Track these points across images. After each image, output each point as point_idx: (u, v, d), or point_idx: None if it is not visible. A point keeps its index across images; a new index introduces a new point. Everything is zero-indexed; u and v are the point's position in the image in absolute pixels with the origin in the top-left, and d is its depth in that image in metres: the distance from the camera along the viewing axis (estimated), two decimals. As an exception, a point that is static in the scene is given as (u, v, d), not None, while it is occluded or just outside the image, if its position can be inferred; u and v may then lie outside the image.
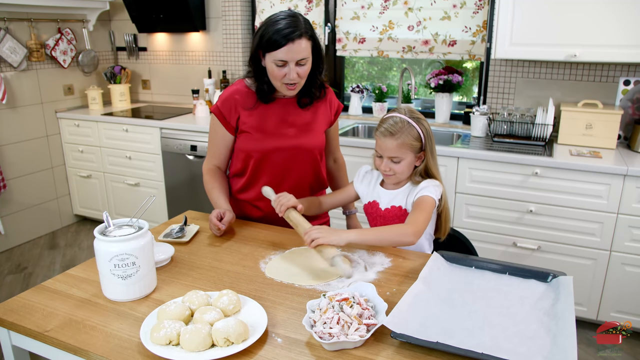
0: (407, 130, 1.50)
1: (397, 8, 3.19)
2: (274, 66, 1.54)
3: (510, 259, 2.56)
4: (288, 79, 1.55)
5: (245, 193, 1.78)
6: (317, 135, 1.74)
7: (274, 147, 1.67)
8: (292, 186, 1.73)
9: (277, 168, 1.71)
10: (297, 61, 1.53)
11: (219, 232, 1.60)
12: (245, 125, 1.68)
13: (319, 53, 1.61)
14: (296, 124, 1.70)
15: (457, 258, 1.41)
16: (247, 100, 1.67)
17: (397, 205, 1.58)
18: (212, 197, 1.73)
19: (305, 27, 1.52)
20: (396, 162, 1.53)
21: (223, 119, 1.69)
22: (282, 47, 1.49)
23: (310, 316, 1.10)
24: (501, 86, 3.01)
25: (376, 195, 1.65)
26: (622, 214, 2.30)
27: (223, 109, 1.68)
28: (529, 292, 1.25)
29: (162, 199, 3.50)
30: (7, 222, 3.48)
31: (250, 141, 1.68)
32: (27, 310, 1.20)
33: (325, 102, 1.76)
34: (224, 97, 1.69)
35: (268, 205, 1.68)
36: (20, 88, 3.47)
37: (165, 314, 1.11)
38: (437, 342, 1.02)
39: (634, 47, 2.36)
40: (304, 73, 1.57)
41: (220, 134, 1.72)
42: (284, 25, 1.49)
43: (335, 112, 1.81)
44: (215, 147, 1.75)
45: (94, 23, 3.87)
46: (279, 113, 1.69)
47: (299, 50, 1.51)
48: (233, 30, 3.65)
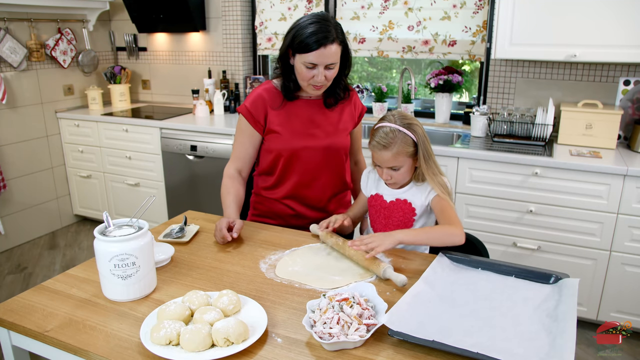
0: (401, 139, 1.49)
1: (397, 8, 3.19)
2: (303, 67, 1.57)
3: (510, 259, 2.56)
4: (315, 81, 1.59)
5: (273, 191, 1.80)
6: (343, 136, 1.77)
7: (303, 146, 1.70)
8: (320, 185, 1.76)
9: (306, 167, 1.73)
10: (327, 65, 1.56)
11: (223, 241, 1.57)
12: (273, 124, 1.69)
13: (347, 56, 1.65)
14: (323, 125, 1.73)
15: (463, 259, 1.41)
16: (275, 99, 1.70)
17: (402, 199, 1.60)
18: (224, 202, 1.71)
19: (336, 33, 1.56)
20: (396, 170, 1.54)
21: (252, 118, 1.70)
22: (313, 51, 1.53)
23: (310, 316, 1.10)
24: (501, 86, 3.01)
25: (379, 190, 1.67)
26: (622, 214, 2.30)
27: (252, 108, 1.70)
28: (533, 293, 1.24)
29: (162, 199, 3.50)
30: (7, 222, 3.48)
31: (279, 141, 1.70)
32: (27, 310, 1.20)
33: (350, 103, 1.79)
34: (253, 97, 1.71)
35: (298, 204, 1.76)
36: (20, 88, 3.47)
37: (165, 314, 1.11)
38: (433, 340, 1.02)
39: (634, 47, 2.36)
40: (331, 76, 1.61)
41: (248, 134, 1.73)
42: (317, 29, 1.53)
43: (359, 114, 1.84)
44: (243, 147, 1.75)
45: (94, 23, 3.87)
46: (306, 113, 1.71)
47: (330, 55, 1.55)
48: (233, 30, 3.65)
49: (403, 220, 1.61)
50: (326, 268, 1.42)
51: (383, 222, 1.65)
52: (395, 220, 1.62)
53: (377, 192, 1.66)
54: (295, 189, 1.76)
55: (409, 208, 1.58)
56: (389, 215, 1.62)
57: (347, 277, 1.37)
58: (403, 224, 1.61)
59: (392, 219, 1.62)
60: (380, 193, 1.65)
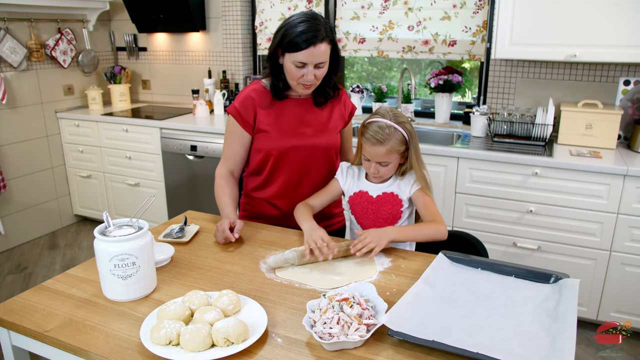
0: (394, 136, 1.53)
1: (397, 8, 3.19)
2: (293, 66, 1.57)
3: (510, 259, 2.56)
4: (305, 80, 1.58)
5: (261, 191, 1.79)
6: (333, 135, 1.76)
7: (292, 145, 1.69)
8: (308, 185, 1.75)
9: (295, 167, 1.72)
10: (316, 64, 1.56)
11: (225, 242, 1.58)
12: (262, 124, 1.69)
13: (337, 55, 1.65)
14: (313, 123, 1.72)
15: (463, 259, 1.41)
16: (264, 98, 1.70)
17: (388, 192, 1.63)
18: (219, 202, 1.71)
19: (326, 32, 1.55)
20: (384, 165, 1.57)
21: (241, 119, 1.69)
22: (303, 50, 1.52)
23: (310, 316, 1.10)
24: (501, 86, 3.01)
25: (362, 187, 1.67)
26: (622, 214, 2.30)
27: (241, 109, 1.69)
28: (533, 293, 1.24)
29: (162, 199, 3.50)
30: (7, 222, 3.48)
31: (269, 140, 1.69)
32: (27, 310, 1.20)
33: (339, 102, 1.79)
34: (242, 97, 1.70)
35: (285, 204, 1.74)
36: (20, 88, 3.47)
37: (165, 314, 1.11)
38: (433, 340, 1.02)
39: (634, 47, 2.36)
40: (321, 75, 1.60)
41: (238, 134, 1.72)
42: (306, 28, 1.52)
43: (349, 113, 1.84)
44: (232, 148, 1.74)
45: (94, 23, 3.87)
46: (295, 112, 1.71)
47: (319, 54, 1.54)
48: (233, 30, 3.65)
49: (392, 212, 1.63)
50: (326, 268, 1.42)
51: (372, 217, 1.66)
52: (384, 214, 1.64)
53: (359, 189, 1.67)
54: (285, 188, 1.75)
55: (397, 200, 1.61)
56: (377, 210, 1.64)
57: (347, 277, 1.37)
58: (392, 217, 1.64)
59: (381, 213, 1.64)
60: (363, 190, 1.66)
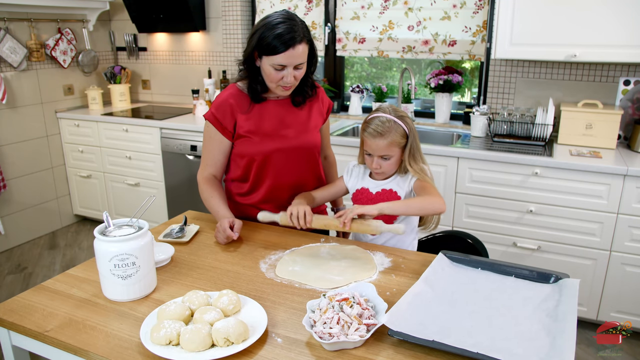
0: (395, 129, 1.55)
1: (397, 8, 3.19)
2: (272, 69, 1.54)
3: (510, 259, 2.56)
4: (285, 82, 1.57)
5: (248, 197, 1.77)
6: (314, 134, 1.75)
7: (275, 148, 1.67)
8: (294, 186, 1.74)
9: (279, 169, 1.70)
10: (295, 65, 1.54)
11: (227, 242, 1.58)
12: (242, 129, 1.66)
13: (313, 54, 1.63)
14: (294, 124, 1.71)
15: (463, 259, 1.41)
16: (242, 103, 1.67)
17: (387, 189, 1.64)
18: (211, 205, 1.70)
19: (303, 32, 1.53)
20: (386, 160, 1.58)
21: (219, 125, 1.67)
22: (281, 53, 1.50)
23: (310, 316, 1.10)
24: (501, 86, 3.01)
25: (365, 184, 1.69)
26: (622, 214, 2.30)
27: (218, 115, 1.66)
28: (533, 293, 1.24)
29: (162, 199, 3.50)
30: (7, 222, 3.48)
31: (251, 145, 1.67)
32: (27, 310, 1.20)
33: (317, 100, 1.78)
34: (218, 103, 1.67)
35: (272, 208, 1.71)
36: (20, 88, 3.47)
37: (165, 314, 1.11)
38: (433, 340, 1.02)
39: (634, 47, 2.36)
40: (300, 76, 1.59)
41: (217, 140, 1.70)
42: (284, 30, 1.49)
43: (327, 110, 1.83)
44: (211, 154, 1.72)
45: (94, 23, 3.87)
46: (275, 114, 1.69)
47: (298, 55, 1.53)
48: (233, 30, 3.65)
49: None
50: (326, 268, 1.42)
51: None
52: None
53: (362, 186, 1.69)
54: (271, 192, 1.73)
55: (394, 196, 1.62)
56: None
57: (347, 277, 1.37)
58: None
59: None
60: (365, 186, 1.68)
